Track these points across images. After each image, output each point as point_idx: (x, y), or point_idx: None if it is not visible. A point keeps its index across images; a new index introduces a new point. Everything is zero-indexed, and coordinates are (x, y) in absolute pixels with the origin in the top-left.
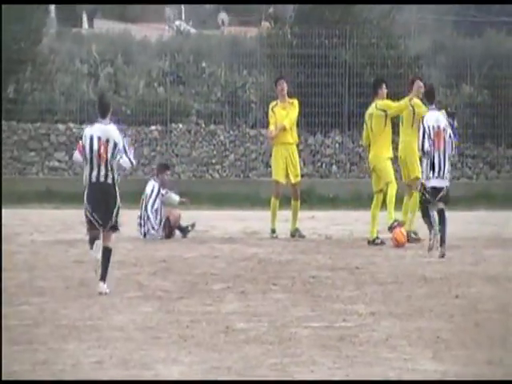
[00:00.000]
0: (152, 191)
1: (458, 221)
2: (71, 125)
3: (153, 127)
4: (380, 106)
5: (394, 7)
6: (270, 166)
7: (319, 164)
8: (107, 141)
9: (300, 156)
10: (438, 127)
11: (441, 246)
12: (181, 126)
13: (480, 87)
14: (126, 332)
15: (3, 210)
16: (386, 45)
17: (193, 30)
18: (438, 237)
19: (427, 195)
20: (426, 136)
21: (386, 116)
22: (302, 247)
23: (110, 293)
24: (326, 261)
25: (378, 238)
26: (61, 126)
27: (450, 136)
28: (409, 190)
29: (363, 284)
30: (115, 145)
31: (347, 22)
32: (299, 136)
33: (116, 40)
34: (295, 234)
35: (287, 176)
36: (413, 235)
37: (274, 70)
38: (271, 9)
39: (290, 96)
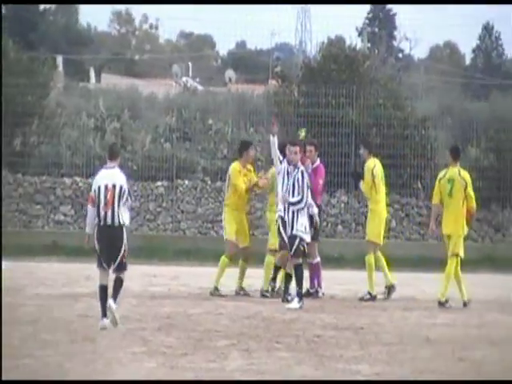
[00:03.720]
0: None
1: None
2: (77, 179)
3: (159, 183)
4: (463, 175)
5: (402, 68)
6: None
7: (324, 223)
8: (113, 186)
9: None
10: None
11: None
12: (187, 182)
13: (486, 150)
14: None
15: (9, 263)
16: (393, 105)
17: (199, 87)
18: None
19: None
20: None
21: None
22: (307, 306)
23: (114, 347)
24: (331, 320)
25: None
26: (67, 180)
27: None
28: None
29: (367, 344)
30: (121, 188)
31: (354, 81)
32: None
33: (123, 95)
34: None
35: None
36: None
37: (281, 128)
38: (278, 67)
39: None
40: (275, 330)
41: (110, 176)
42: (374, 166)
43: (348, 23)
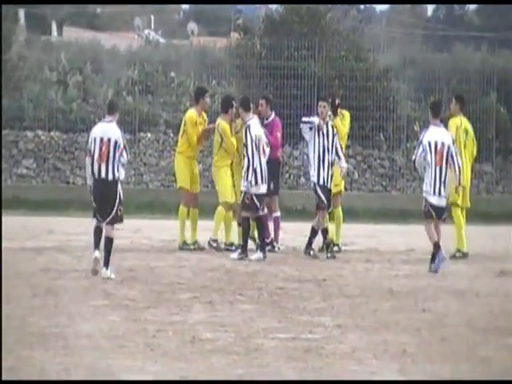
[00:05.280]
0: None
1: (426, 235)
2: (39, 132)
3: None
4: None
5: (363, 20)
6: None
7: (287, 175)
8: (108, 140)
9: None
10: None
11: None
12: (149, 135)
13: (448, 101)
14: (92, 340)
15: None
16: (355, 57)
17: (162, 40)
18: None
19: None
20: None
21: None
22: (269, 258)
23: (77, 301)
24: (293, 272)
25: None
26: (29, 134)
27: None
28: None
29: (330, 296)
30: (115, 142)
31: (316, 34)
32: None
33: (85, 48)
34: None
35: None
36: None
37: (243, 80)
38: (240, 20)
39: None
40: (238, 282)
41: (106, 130)
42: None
43: None
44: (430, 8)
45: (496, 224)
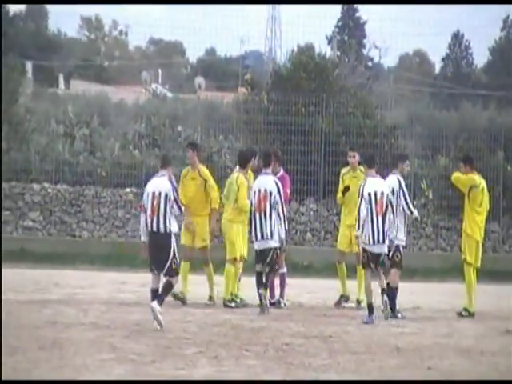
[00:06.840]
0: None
1: (432, 292)
2: (46, 184)
3: (128, 189)
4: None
5: (371, 77)
6: None
7: (294, 231)
8: (159, 194)
9: None
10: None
11: None
12: None
13: (455, 159)
14: None
15: None
16: (363, 114)
17: (169, 94)
18: None
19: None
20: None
21: None
22: (275, 314)
23: (83, 354)
24: (299, 328)
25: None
26: (36, 186)
27: None
28: None
29: (336, 353)
30: (166, 195)
31: (324, 90)
32: None
33: (92, 101)
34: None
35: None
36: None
37: (250, 135)
38: (248, 75)
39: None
40: (244, 337)
41: (158, 184)
42: None
43: (318, 31)
44: (437, 65)
45: (502, 283)
